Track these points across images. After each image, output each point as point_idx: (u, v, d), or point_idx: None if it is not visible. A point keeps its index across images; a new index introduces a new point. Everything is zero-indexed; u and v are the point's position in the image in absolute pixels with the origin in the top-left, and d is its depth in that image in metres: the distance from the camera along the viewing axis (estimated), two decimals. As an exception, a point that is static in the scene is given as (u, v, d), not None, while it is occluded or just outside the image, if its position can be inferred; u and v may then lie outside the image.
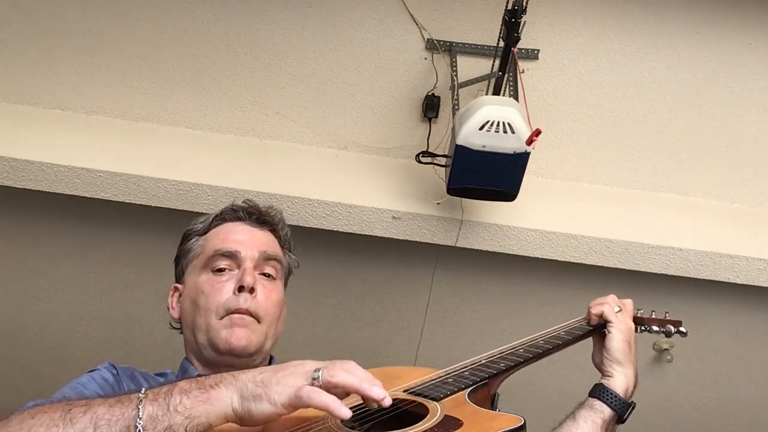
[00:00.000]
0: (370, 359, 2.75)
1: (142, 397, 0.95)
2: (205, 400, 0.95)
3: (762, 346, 2.65)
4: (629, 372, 1.34)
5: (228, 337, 1.28)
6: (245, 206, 1.45)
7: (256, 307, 1.31)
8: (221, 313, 1.30)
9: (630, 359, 1.35)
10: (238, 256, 1.35)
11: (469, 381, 1.16)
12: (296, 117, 2.44)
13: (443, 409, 1.06)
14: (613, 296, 1.43)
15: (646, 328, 1.51)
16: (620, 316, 1.38)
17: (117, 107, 2.45)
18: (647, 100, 2.37)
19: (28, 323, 2.78)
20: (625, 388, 1.33)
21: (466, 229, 2.28)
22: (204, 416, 0.94)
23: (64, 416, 0.93)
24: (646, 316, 1.53)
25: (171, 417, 0.93)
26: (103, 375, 1.25)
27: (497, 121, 1.91)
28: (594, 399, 1.31)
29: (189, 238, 1.46)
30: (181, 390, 0.96)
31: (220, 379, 0.98)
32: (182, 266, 1.45)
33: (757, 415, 2.81)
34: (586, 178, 2.48)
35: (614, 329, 1.36)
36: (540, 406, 2.71)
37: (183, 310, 1.40)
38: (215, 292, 1.32)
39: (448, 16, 2.27)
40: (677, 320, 1.53)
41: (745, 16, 2.26)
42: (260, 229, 1.43)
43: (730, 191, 2.49)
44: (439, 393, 1.11)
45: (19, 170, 2.26)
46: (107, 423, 0.92)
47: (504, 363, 1.24)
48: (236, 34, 2.33)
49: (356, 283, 2.63)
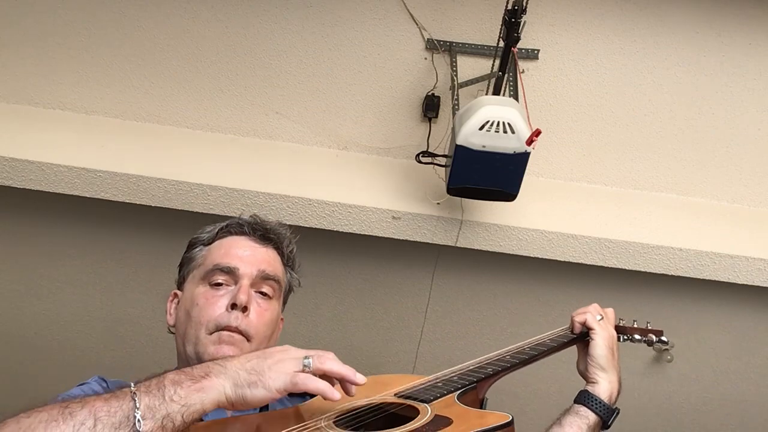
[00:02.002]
0: (370, 359, 2.76)
1: (134, 390, 0.98)
2: (198, 389, 0.99)
3: (762, 346, 2.65)
4: (613, 378, 1.38)
5: (215, 353, 1.27)
6: (251, 221, 1.45)
7: (246, 325, 1.31)
8: (211, 328, 1.31)
9: (613, 365, 1.39)
10: (236, 273, 1.35)
11: (458, 384, 1.20)
12: (296, 117, 2.44)
13: (433, 409, 1.08)
14: (595, 305, 1.47)
15: (629, 338, 1.55)
16: (602, 323, 1.42)
17: (117, 107, 2.45)
18: (647, 100, 2.37)
19: (28, 323, 2.78)
20: (609, 394, 1.36)
21: (466, 229, 2.28)
22: (199, 404, 0.98)
23: (63, 411, 0.94)
24: (628, 325, 1.56)
25: (168, 406, 0.96)
26: (92, 387, 1.26)
27: (497, 121, 1.92)
28: (579, 405, 1.35)
29: (194, 247, 1.46)
30: (172, 381, 1.00)
31: (209, 369, 1.03)
32: (184, 274, 1.46)
33: (757, 415, 2.81)
34: (586, 178, 2.49)
35: (597, 336, 1.40)
36: (540, 406, 2.72)
37: (177, 319, 1.40)
38: (209, 306, 1.33)
39: (448, 16, 2.27)
40: (658, 330, 1.57)
41: (745, 16, 2.26)
42: (263, 246, 1.42)
43: (730, 191, 2.49)
44: (429, 396, 1.14)
45: (19, 170, 2.26)
46: (107, 414, 0.94)
47: (491, 368, 1.29)
48: (236, 34, 2.33)
49: (356, 283, 2.63)
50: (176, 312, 1.42)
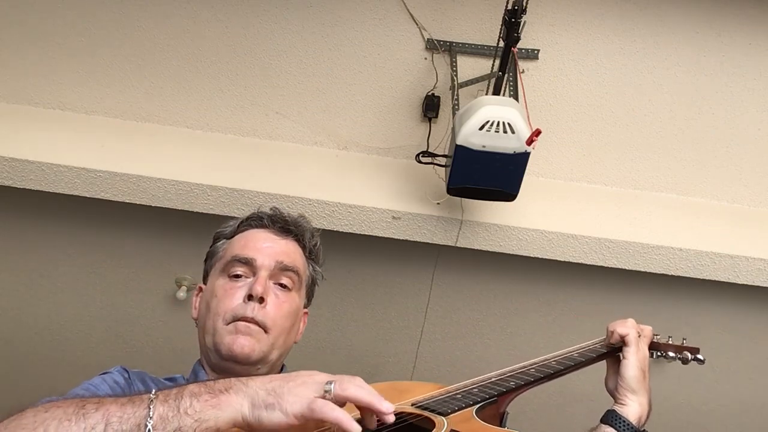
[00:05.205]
0: (370, 359, 2.76)
1: (152, 398, 0.95)
2: (214, 404, 0.95)
3: (762, 346, 2.65)
4: (643, 401, 1.32)
5: (231, 344, 1.28)
6: (270, 213, 1.45)
7: (263, 316, 1.31)
8: (228, 318, 1.31)
9: (644, 387, 1.33)
10: (254, 264, 1.35)
11: (477, 398, 1.15)
12: (296, 117, 2.44)
13: (450, 423, 1.05)
14: (632, 320, 1.41)
15: (662, 354, 1.47)
16: (640, 342, 1.36)
17: (117, 107, 2.45)
18: (647, 100, 2.37)
19: (28, 323, 2.78)
20: (639, 416, 1.30)
21: (466, 229, 2.28)
22: (213, 420, 0.94)
23: (77, 411, 0.93)
24: (662, 341, 1.48)
25: (181, 419, 0.93)
26: (114, 378, 1.25)
27: (497, 121, 1.92)
28: (606, 426, 1.28)
29: (217, 240, 1.47)
30: (191, 393, 0.96)
31: (229, 385, 0.98)
32: (207, 267, 1.46)
33: (757, 415, 2.81)
34: (586, 178, 2.49)
35: (632, 356, 1.33)
36: (540, 405, 2.72)
37: (200, 312, 1.41)
38: (227, 297, 1.33)
39: (448, 16, 2.27)
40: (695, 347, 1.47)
41: (745, 16, 2.26)
42: (283, 238, 1.42)
43: (730, 191, 2.49)
44: (446, 408, 1.10)
45: (19, 170, 2.26)
46: (119, 420, 0.93)
47: (514, 382, 1.23)
48: (236, 34, 2.33)
49: (356, 283, 2.63)
50: (199, 305, 1.42)
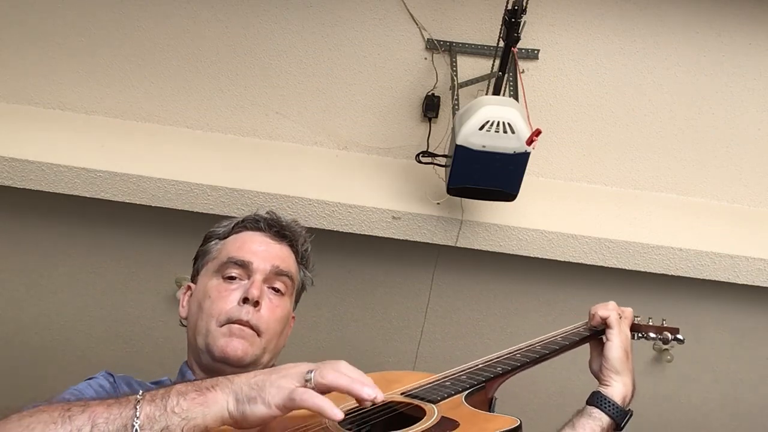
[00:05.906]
0: (370, 359, 2.76)
1: (139, 398, 0.95)
2: (201, 402, 0.96)
3: (762, 346, 2.65)
4: (627, 380, 1.36)
5: (224, 346, 1.28)
6: (267, 217, 1.45)
7: (257, 320, 1.31)
8: (222, 320, 1.31)
9: (628, 368, 1.37)
10: (250, 267, 1.35)
11: (466, 384, 1.17)
12: (296, 117, 2.44)
13: (440, 410, 1.06)
14: (613, 303, 1.44)
15: (644, 335, 1.51)
16: (621, 324, 1.40)
17: (117, 107, 2.45)
18: (647, 100, 2.37)
19: (28, 323, 2.78)
20: (623, 396, 1.35)
21: (466, 229, 2.28)
22: (200, 418, 0.95)
23: (63, 414, 0.93)
24: (643, 323, 1.52)
25: (168, 417, 0.93)
26: (100, 382, 1.26)
27: (497, 121, 1.92)
28: (592, 407, 1.33)
29: (209, 240, 1.46)
30: (178, 392, 0.97)
31: (216, 382, 0.99)
32: (198, 266, 1.46)
33: (757, 415, 2.81)
34: (586, 178, 2.49)
35: (614, 337, 1.37)
36: (540, 405, 2.72)
37: (190, 311, 1.41)
38: (221, 299, 1.33)
39: (448, 16, 2.27)
40: (674, 327, 1.53)
41: (745, 16, 2.26)
42: (278, 243, 1.42)
43: (730, 191, 2.49)
44: (435, 395, 1.11)
45: (19, 170, 2.26)
46: (105, 421, 0.93)
47: (501, 367, 1.26)
48: (236, 34, 2.33)
49: (356, 283, 2.63)
50: (189, 304, 1.42)
